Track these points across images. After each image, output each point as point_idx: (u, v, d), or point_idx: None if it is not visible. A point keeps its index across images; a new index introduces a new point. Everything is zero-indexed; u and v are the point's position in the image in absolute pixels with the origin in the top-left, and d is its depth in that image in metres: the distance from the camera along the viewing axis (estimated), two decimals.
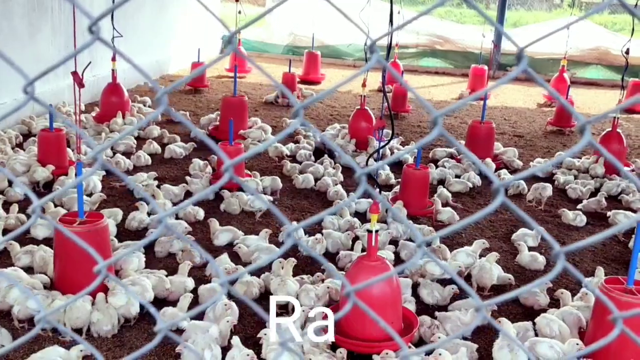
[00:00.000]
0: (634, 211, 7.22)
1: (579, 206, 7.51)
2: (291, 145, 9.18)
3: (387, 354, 4.26)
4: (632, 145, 10.59)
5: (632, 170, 8.75)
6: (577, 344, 4.33)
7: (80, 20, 10.70)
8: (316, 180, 7.83)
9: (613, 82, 15.74)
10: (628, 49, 9.08)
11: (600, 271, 5.58)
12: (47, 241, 5.72)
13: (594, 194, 7.93)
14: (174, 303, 4.91)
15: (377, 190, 5.02)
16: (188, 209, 6.58)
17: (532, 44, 1.34)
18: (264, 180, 7.50)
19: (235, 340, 4.29)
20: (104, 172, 7.63)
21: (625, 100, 9.50)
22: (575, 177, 8.55)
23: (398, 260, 5.91)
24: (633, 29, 9.04)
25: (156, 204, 1.63)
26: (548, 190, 7.66)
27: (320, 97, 1.39)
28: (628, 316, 1.27)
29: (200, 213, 6.60)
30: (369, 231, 4.65)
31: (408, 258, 5.93)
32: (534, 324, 4.72)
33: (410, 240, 6.28)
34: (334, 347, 4.41)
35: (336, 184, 7.65)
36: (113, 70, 10.01)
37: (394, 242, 6.27)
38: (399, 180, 7.56)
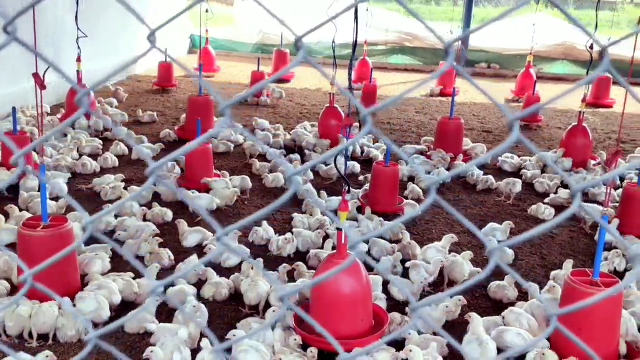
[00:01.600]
0: (600, 204, 7.32)
1: (547, 200, 7.60)
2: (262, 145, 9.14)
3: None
4: (598, 139, 10.75)
5: (598, 163, 8.88)
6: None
7: (42, 23, 10.52)
8: (286, 179, 7.80)
9: (579, 77, 15.98)
10: (592, 44, 9.19)
11: (569, 263, 5.64)
12: (14, 246, 5.60)
13: (561, 187, 8.04)
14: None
15: (347, 188, 5.01)
16: (156, 210, 6.51)
17: (458, 39, 1.34)
18: (234, 180, 7.45)
19: (205, 342, 4.25)
20: (69, 175, 7.52)
21: (589, 95, 9.64)
22: (543, 172, 8.65)
23: (370, 258, 5.92)
24: (597, 25, 9.17)
25: (85, 214, 1.58)
26: (518, 186, 7.74)
27: (245, 96, 1.37)
28: (564, 313, 1.27)
29: (169, 214, 6.53)
30: (339, 229, 4.64)
31: (379, 255, 5.93)
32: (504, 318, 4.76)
33: (381, 237, 6.29)
34: (305, 346, 4.40)
35: (306, 183, 7.63)
36: (78, 71, 9.85)
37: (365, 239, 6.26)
38: (367, 177, 7.57)
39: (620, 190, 7.69)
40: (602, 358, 4.17)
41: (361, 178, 8.09)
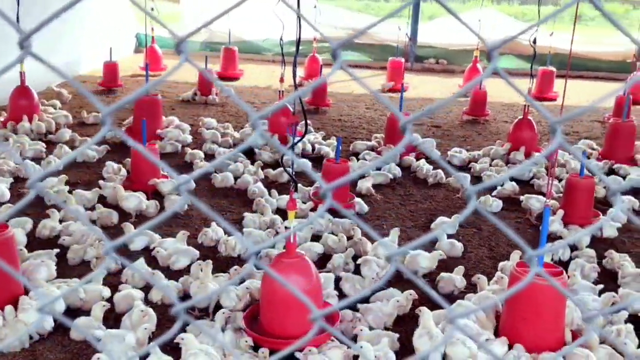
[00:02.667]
0: (544, 195, 7.47)
1: (494, 192, 7.73)
2: (210, 144, 9.02)
3: (310, 350, 4.25)
4: (543, 131, 10.99)
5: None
6: None
7: None
8: (236, 178, 7.72)
9: (524, 70, 16.25)
10: (535, 39, 9.39)
11: (515, 254, 5.75)
12: None
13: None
14: (88, 313, 4.71)
15: (293, 186, 5.00)
16: (104, 212, 6.37)
17: (346, 42, 1.35)
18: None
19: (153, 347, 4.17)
20: (12, 180, 7.31)
21: (533, 89, 9.87)
22: (491, 165, 8.80)
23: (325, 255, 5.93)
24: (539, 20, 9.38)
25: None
26: (467, 181, 7.86)
27: (125, 102, 1.35)
28: (462, 316, 1.27)
29: (115, 217, 6.40)
30: (287, 228, 4.62)
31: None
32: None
33: (332, 234, 6.29)
34: (256, 347, 4.36)
35: (256, 182, 7.57)
36: (21, 72, 9.57)
37: (317, 236, 6.24)
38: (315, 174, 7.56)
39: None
40: (547, 346, 4.28)
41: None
